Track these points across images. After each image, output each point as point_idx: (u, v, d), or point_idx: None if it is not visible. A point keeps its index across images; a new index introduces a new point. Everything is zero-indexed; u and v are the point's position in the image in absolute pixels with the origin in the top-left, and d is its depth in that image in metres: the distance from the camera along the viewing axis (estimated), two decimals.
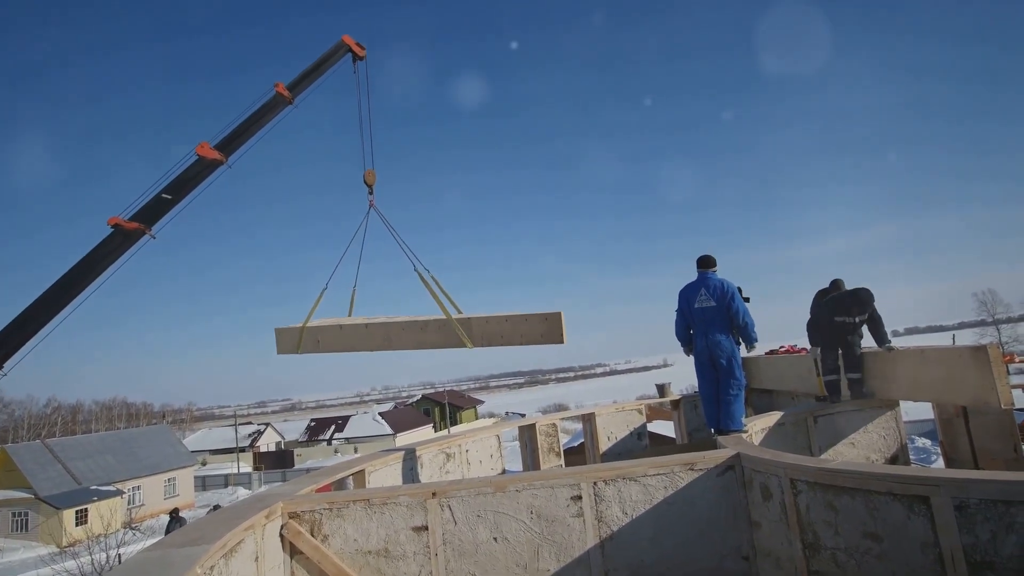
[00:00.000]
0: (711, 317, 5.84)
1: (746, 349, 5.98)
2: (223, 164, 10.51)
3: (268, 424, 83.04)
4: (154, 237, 10.58)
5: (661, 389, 11.09)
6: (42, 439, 45.89)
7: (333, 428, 73.07)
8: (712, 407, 5.90)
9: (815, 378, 7.24)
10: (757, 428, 5.90)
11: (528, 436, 8.71)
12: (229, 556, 3.23)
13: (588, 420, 9.35)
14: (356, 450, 59.75)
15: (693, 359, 6.11)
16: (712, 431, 5.91)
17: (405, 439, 60.70)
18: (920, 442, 24.47)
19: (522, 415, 57.47)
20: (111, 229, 10.26)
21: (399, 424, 70.01)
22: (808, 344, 7.62)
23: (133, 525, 33.73)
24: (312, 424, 77.90)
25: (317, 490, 4.75)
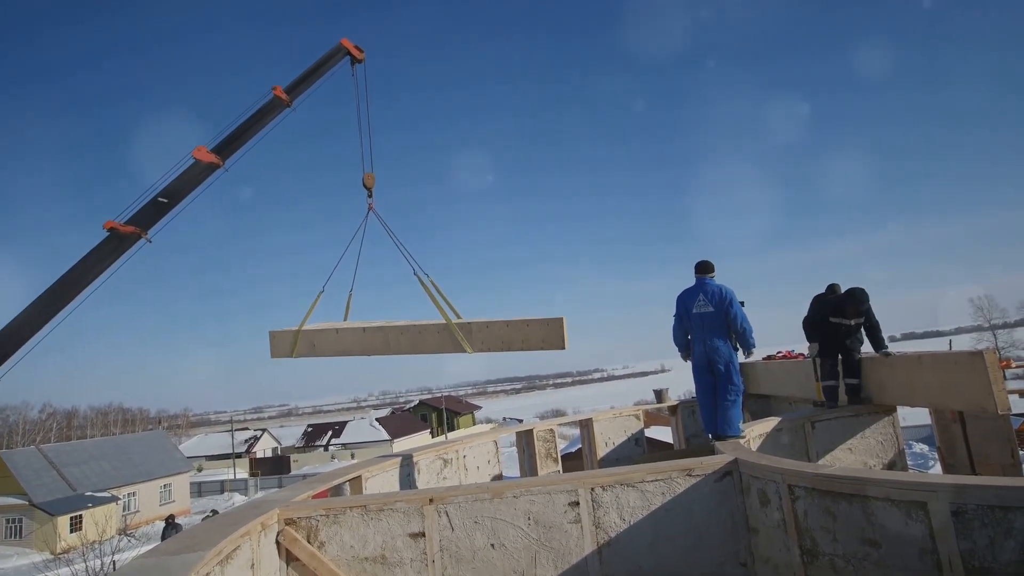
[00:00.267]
0: (709, 322, 5.84)
1: (744, 355, 5.99)
2: (220, 167, 10.48)
3: (264, 430, 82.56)
4: (150, 241, 10.54)
5: (659, 395, 11.10)
6: (37, 445, 45.65)
7: (330, 434, 72.81)
8: (710, 413, 5.90)
9: (813, 383, 7.24)
10: (755, 434, 5.91)
11: (526, 442, 8.70)
12: (225, 563, 3.21)
13: (586, 426, 9.33)
14: (353, 456, 59.51)
15: (691, 364, 6.12)
16: (710, 437, 5.91)
17: (402, 445, 60.51)
18: (917, 447, 24.50)
19: (520, 421, 57.38)
20: (106, 233, 10.21)
21: (396, 430, 69.76)
22: (806, 344, 7.60)
23: (128, 532, 33.51)
24: (309, 430, 77.65)
25: (314, 496, 4.73)
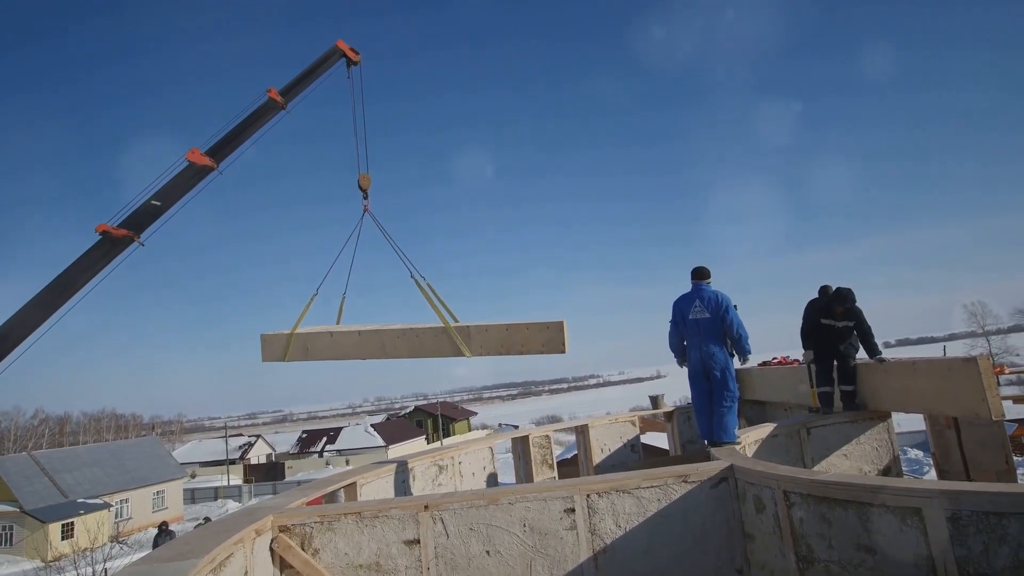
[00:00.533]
0: (705, 329, 5.84)
1: (740, 361, 6.00)
2: (214, 170, 10.41)
3: (259, 436, 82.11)
4: (143, 244, 10.46)
5: (654, 401, 11.10)
6: (29, 451, 45.16)
7: (324, 440, 72.37)
8: (705, 419, 5.90)
9: (808, 389, 7.26)
10: (750, 440, 5.91)
11: (521, 448, 8.67)
12: (218, 570, 3.19)
13: (581, 432, 9.33)
14: (348, 462, 59.22)
15: (687, 370, 6.12)
16: (705, 443, 5.91)
17: (397, 451, 60.26)
18: (912, 453, 24.56)
19: (515, 427, 57.26)
20: (99, 236, 10.12)
21: (391, 436, 69.45)
22: (803, 352, 7.63)
23: (120, 539, 33.17)
24: (303, 436, 77.12)
25: (308, 503, 4.70)
